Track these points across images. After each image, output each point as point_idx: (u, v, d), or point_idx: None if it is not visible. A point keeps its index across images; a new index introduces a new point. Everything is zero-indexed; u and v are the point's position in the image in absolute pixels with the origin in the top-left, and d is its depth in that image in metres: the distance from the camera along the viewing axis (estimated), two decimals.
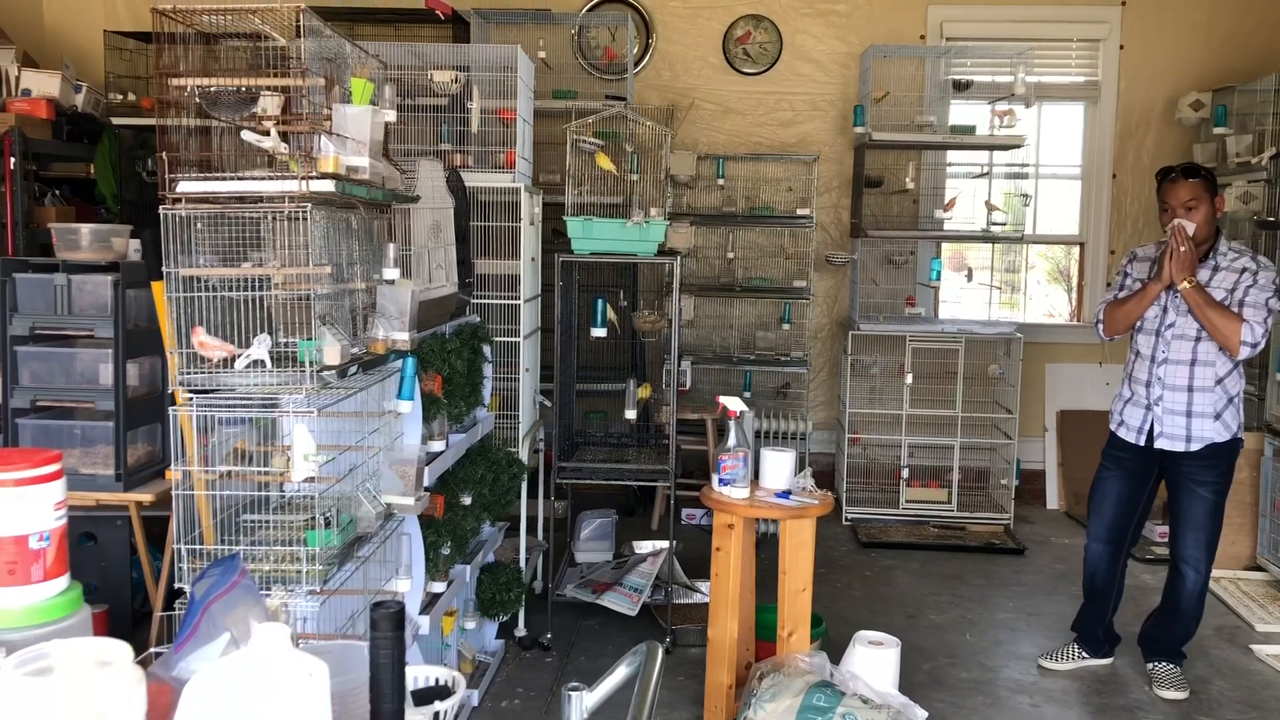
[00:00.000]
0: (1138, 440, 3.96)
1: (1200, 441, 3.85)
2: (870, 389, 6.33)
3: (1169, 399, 3.87)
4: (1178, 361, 3.85)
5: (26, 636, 1.39)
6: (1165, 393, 3.87)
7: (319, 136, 2.32)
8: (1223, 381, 3.83)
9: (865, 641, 3.56)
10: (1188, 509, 3.92)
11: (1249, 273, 3.75)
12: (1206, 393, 3.83)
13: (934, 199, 6.48)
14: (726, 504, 3.47)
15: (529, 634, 4.34)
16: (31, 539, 1.41)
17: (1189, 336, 3.83)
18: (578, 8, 6.60)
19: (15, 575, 1.40)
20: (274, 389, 2.32)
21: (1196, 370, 3.83)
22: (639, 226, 4.19)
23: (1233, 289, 3.76)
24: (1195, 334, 3.82)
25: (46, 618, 1.42)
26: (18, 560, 1.40)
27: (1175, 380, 3.85)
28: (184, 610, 1.48)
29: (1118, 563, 4.14)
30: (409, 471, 2.83)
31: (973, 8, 6.57)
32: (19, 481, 1.39)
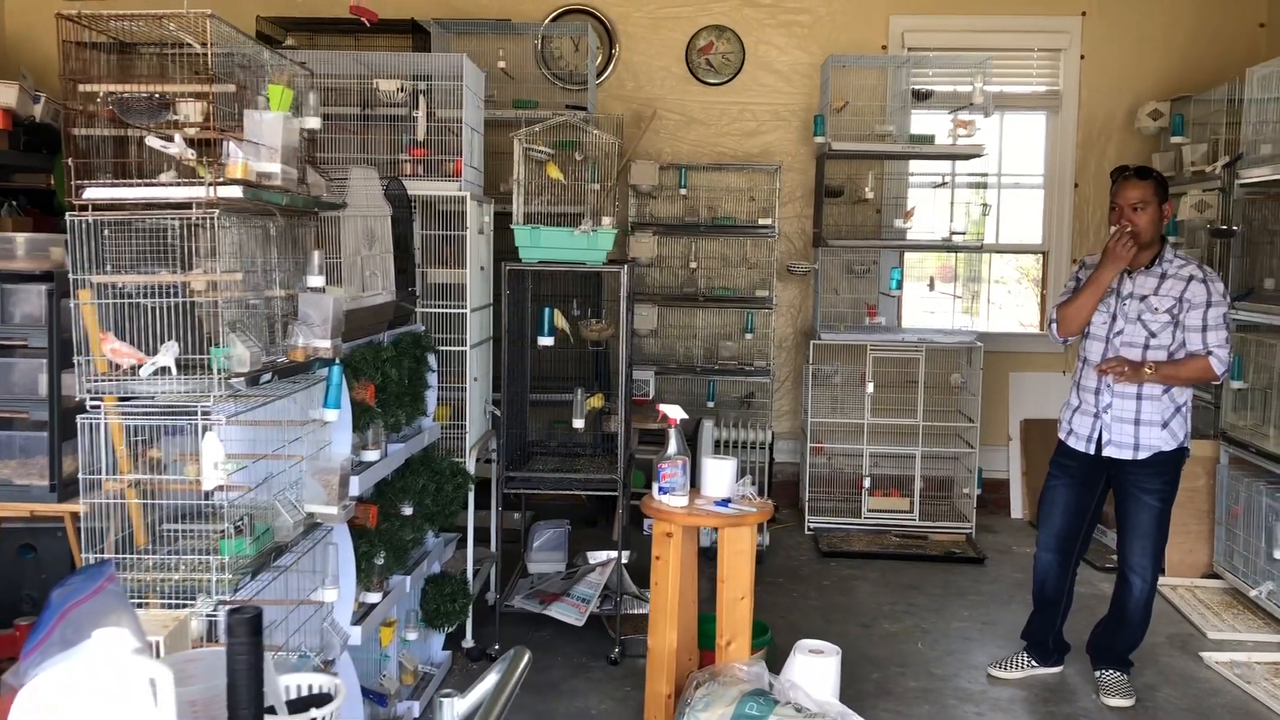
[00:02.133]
0: (1087, 448, 3.96)
1: (1148, 450, 3.85)
2: (832, 398, 6.33)
3: (1118, 406, 3.88)
4: None
5: None
6: (1114, 400, 3.88)
7: (227, 142, 2.30)
8: (1170, 390, 3.84)
9: (805, 650, 3.54)
10: (1134, 517, 3.92)
11: (1196, 281, 3.77)
12: (1154, 401, 3.84)
13: (895, 208, 6.49)
14: (665, 512, 3.45)
15: (477, 645, 4.31)
16: None
17: (1136, 344, 3.85)
18: (540, 18, 6.60)
19: None
20: (182, 396, 2.30)
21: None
22: (587, 235, 4.19)
23: (1180, 297, 3.78)
24: (1143, 341, 3.84)
25: None
26: None
27: (1124, 388, 3.86)
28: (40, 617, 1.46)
29: (1067, 571, 4.14)
30: (332, 480, 2.81)
31: (934, 18, 6.59)
32: None
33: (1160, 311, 3.81)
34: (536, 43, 6.63)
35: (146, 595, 2.45)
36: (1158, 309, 3.82)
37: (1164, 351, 3.82)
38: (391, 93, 4.17)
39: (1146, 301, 3.84)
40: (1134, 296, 3.86)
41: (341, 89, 4.70)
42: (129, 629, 1.50)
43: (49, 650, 1.43)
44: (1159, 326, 3.82)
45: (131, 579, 2.41)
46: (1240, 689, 4.10)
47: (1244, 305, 4.96)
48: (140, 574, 2.42)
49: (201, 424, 2.30)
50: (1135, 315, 3.84)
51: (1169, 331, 3.81)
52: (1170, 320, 3.80)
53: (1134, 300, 3.86)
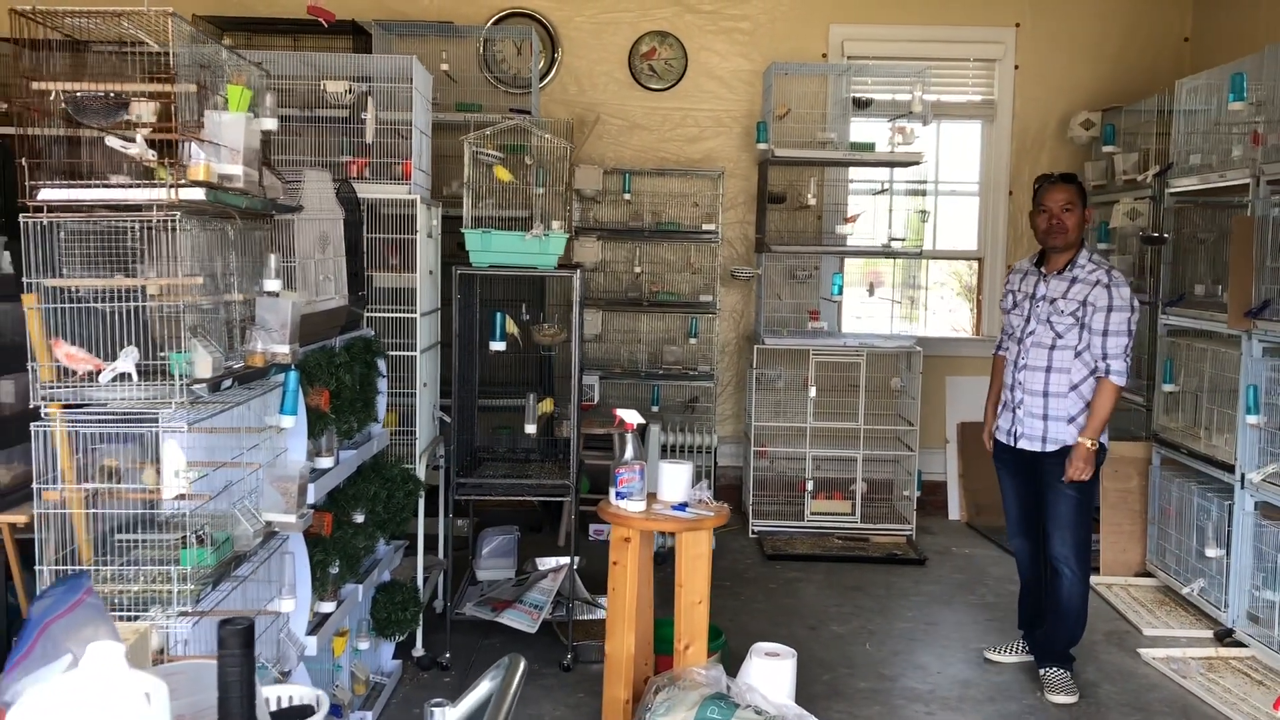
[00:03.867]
0: (1008, 441, 4.18)
1: (1055, 443, 4.04)
2: (775, 402, 6.39)
3: (1028, 403, 4.09)
4: (1035, 367, 4.07)
5: None
6: (1025, 397, 4.10)
7: (189, 144, 2.25)
8: (1078, 388, 4.02)
9: (762, 653, 3.56)
10: (1052, 507, 4.09)
11: (1101, 285, 3.95)
12: (1061, 398, 4.03)
13: (836, 214, 6.57)
14: (623, 517, 3.45)
15: (427, 654, 4.26)
16: None
17: (1044, 344, 4.05)
18: (482, 20, 6.56)
19: None
20: (142, 403, 2.24)
21: (1051, 376, 4.03)
22: (539, 239, 4.17)
23: (1084, 300, 3.95)
24: (1050, 342, 4.03)
25: None
26: None
27: (1033, 385, 4.07)
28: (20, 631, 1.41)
29: (1037, 555, 4.28)
30: (290, 488, 2.76)
31: (873, 27, 6.68)
32: None
33: (1065, 314, 4.00)
34: (479, 46, 6.59)
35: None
36: (1064, 311, 4.00)
37: (1070, 352, 3.99)
38: (339, 94, 4.11)
39: (1055, 304, 4.02)
40: (1045, 299, 4.05)
41: (285, 90, 4.62)
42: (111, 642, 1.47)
43: (30, 665, 1.39)
44: (1064, 328, 4.00)
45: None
46: (1177, 684, 4.21)
47: (1174, 310, 5.11)
48: (97, 585, 2.35)
49: (163, 431, 2.24)
50: (1045, 317, 4.04)
51: (1074, 333, 3.98)
52: (1075, 322, 3.98)
53: (1045, 303, 4.05)
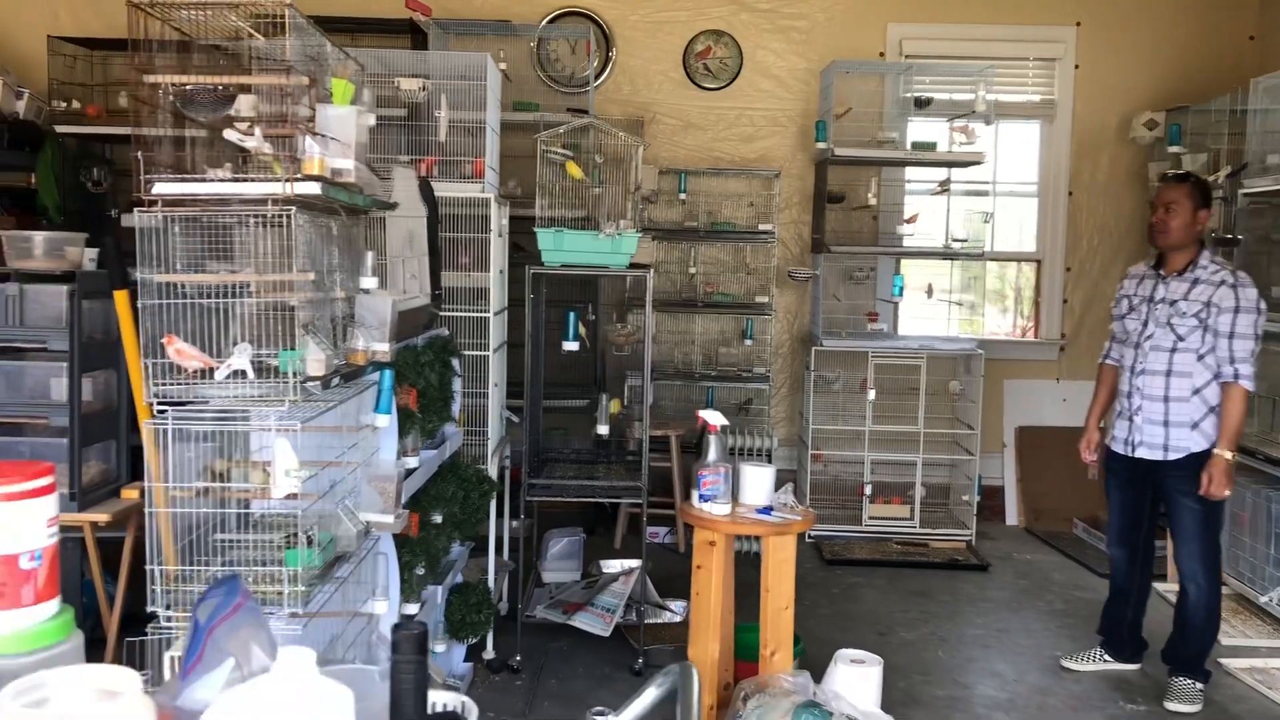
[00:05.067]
0: (1125, 450, 4.06)
1: (1179, 451, 3.91)
2: (833, 405, 6.32)
3: (1147, 409, 3.95)
4: (1154, 372, 3.94)
5: (16, 664, 1.27)
6: (1144, 403, 3.96)
7: (303, 137, 2.22)
8: (1200, 392, 3.89)
9: (847, 660, 3.51)
10: (1175, 520, 3.98)
11: (1226, 285, 3.82)
12: (1183, 403, 3.89)
13: (894, 215, 6.50)
14: (708, 521, 3.40)
15: (498, 656, 4.22)
16: (22, 558, 1.29)
17: (1164, 348, 3.92)
18: (537, 19, 6.53)
19: (4, 598, 1.28)
20: (256, 401, 2.20)
21: (1173, 381, 3.91)
22: (611, 239, 4.13)
23: (1208, 301, 3.82)
24: (1171, 345, 3.90)
25: (37, 644, 1.30)
26: (7, 581, 1.28)
27: (1152, 390, 3.94)
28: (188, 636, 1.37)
29: (1134, 565, 4.20)
30: (389, 488, 2.72)
31: (931, 26, 6.61)
32: (9, 496, 1.28)
33: (1187, 316, 3.86)
34: (533, 45, 6.56)
35: None
36: (1185, 313, 3.87)
37: (1192, 355, 3.87)
38: (413, 91, 4.08)
39: (1176, 306, 3.89)
40: (1165, 301, 3.94)
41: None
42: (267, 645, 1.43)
43: (201, 671, 1.35)
44: (1186, 330, 3.87)
45: (195, 592, 2.30)
46: (1263, 695, 4.12)
47: None
48: (202, 587, 2.32)
49: (275, 429, 2.20)
50: (1165, 319, 3.91)
51: (1197, 335, 3.86)
52: (1198, 324, 3.85)
53: (1165, 305, 3.93)
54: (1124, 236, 6.68)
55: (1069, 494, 6.61)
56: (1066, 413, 6.72)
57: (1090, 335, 6.73)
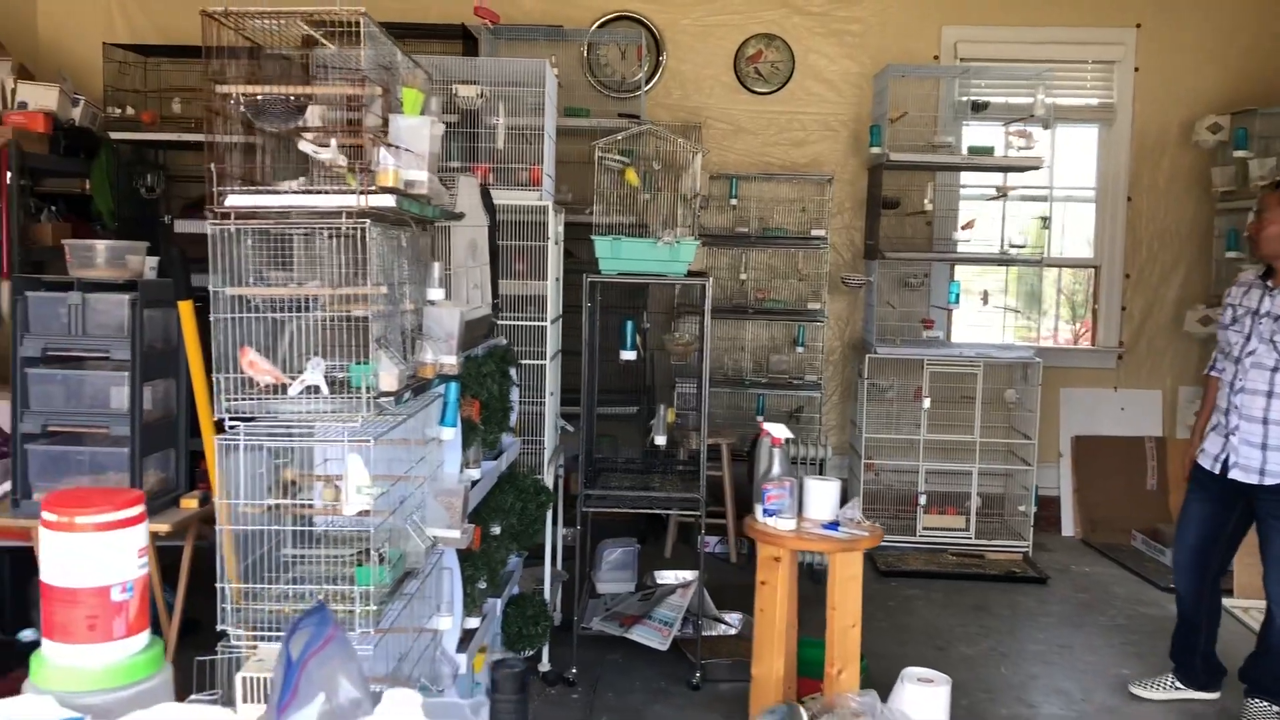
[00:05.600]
0: (1213, 468, 3.85)
1: (1275, 477, 3.70)
2: (886, 413, 6.22)
3: (1245, 429, 3.75)
4: (1254, 391, 3.73)
5: (108, 701, 1.24)
6: (1241, 422, 3.76)
7: (377, 149, 2.18)
8: None
9: (914, 679, 3.43)
10: (1266, 545, 3.78)
11: None
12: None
13: (948, 221, 6.40)
14: (773, 536, 3.33)
15: (553, 669, 4.17)
16: (114, 590, 1.26)
17: (1266, 365, 3.71)
18: (587, 24, 6.49)
19: (95, 631, 1.25)
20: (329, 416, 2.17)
21: (1274, 403, 3.69)
22: (669, 246, 4.07)
23: None
24: (1273, 364, 3.69)
25: (128, 678, 1.26)
26: (99, 614, 1.25)
27: (1251, 410, 3.74)
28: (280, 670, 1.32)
29: (1201, 588, 4.00)
30: (454, 503, 2.68)
31: (987, 29, 6.50)
32: (101, 525, 1.24)
33: None
34: (583, 50, 6.52)
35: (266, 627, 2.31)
36: None
37: None
38: (471, 98, 4.04)
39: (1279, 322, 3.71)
40: (1270, 316, 3.72)
41: None
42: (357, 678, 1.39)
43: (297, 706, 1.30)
44: None
45: (264, 610, 2.27)
46: None
47: None
48: (272, 605, 2.28)
49: (348, 445, 2.16)
50: (1268, 335, 3.70)
51: None
52: None
53: (1269, 320, 3.72)
54: (1185, 243, 6.53)
55: (1127, 505, 6.48)
56: (1125, 422, 6.60)
57: (1149, 344, 6.60)
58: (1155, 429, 6.57)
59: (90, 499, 1.24)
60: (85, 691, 1.22)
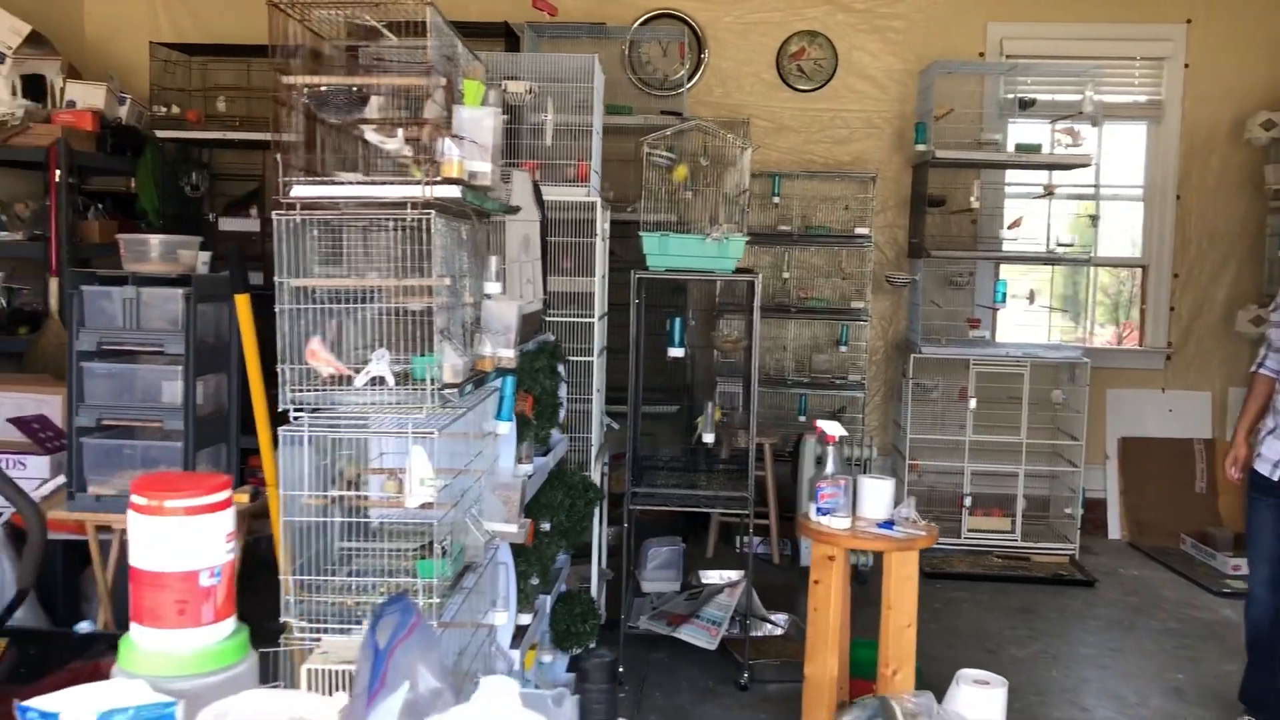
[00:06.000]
0: (1270, 474, 3.62)
1: None
2: (930, 414, 6.16)
3: None
4: None
5: (196, 686, 1.23)
6: None
7: (442, 140, 2.17)
8: None
9: (970, 680, 3.37)
10: None
11: None
12: None
13: (993, 219, 6.33)
14: (828, 535, 3.29)
15: None
16: (203, 575, 1.24)
17: None
18: (629, 21, 6.47)
19: (185, 615, 1.23)
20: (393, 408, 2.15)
21: None
22: (718, 243, 4.04)
23: None
24: None
25: (217, 664, 1.25)
26: (188, 599, 1.23)
27: None
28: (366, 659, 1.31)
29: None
30: (512, 497, 2.67)
31: (1034, 25, 6.43)
32: (190, 510, 1.23)
33: None
34: (625, 47, 6.50)
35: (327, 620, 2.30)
36: None
37: None
38: (520, 94, 4.03)
39: None
40: None
41: None
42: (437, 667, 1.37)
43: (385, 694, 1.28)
44: None
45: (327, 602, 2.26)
46: None
47: None
48: (336, 597, 2.27)
49: (412, 437, 2.15)
50: None
51: None
52: None
53: None
54: (1235, 241, 6.43)
55: (1175, 508, 6.38)
56: (1173, 424, 6.50)
57: (1198, 344, 6.49)
58: (1204, 431, 6.47)
59: (178, 483, 1.23)
60: (174, 676, 1.21)
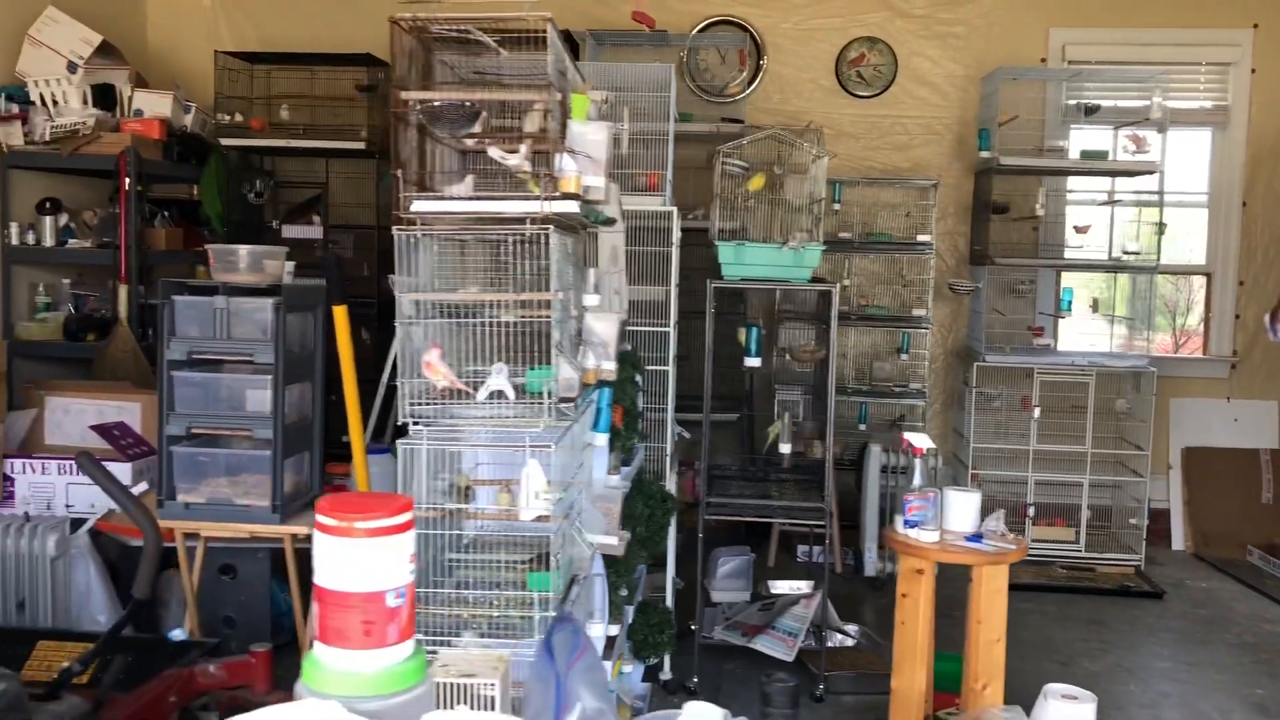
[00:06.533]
0: None
1: None
2: (993, 423, 6.11)
3: None
4: None
5: (380, 707, 1.23)
6: None
7: (560, 155, 2.17)
8: None
9: (1058, 695, 3.33)
10: None
11: None
12: None
13: (1055, 226, 6.28)
14: (917, 548, 3.27)
15: (674, 677, 4.15)
16: (389, 596, 1.25)
17: None
18: (687, 29, 6.47)
19: (371, 636, 1.24)
20: (511, 421, 2.16)
21: None
22: (794, 252, 4.03)
23: None
24: None
25: (400, 685, 1.25)
26: (375, 620, 1.24)
27: None
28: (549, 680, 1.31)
29: None
30: (613, 509, 2.67)
31: (1097, 30, 6.37)
32: (376, 531, 1.23)
33: None
34: (683, 55, 6.50)
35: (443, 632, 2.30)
36: None
37: None
38: (598, 103, 4.02)
39: None
40: None
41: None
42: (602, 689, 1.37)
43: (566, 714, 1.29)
44: None
45: (443, 614, 2.27)
46: None
47: None
48: (449, 609, 2.28)
49: (529, 450, 2.15)
50: None
51: None
52: None
53: None
54: None
55: (1241, 519, 6.30)
56: (1238, 434, 6.42)
57: (1265, 353, 6.41)
58: (1271, 441, 6.38)
59: (363, 504, 1.23)
60: (359, 697, 1.21)
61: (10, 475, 4.08)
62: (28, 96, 5.37)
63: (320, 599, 1.24)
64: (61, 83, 5.40)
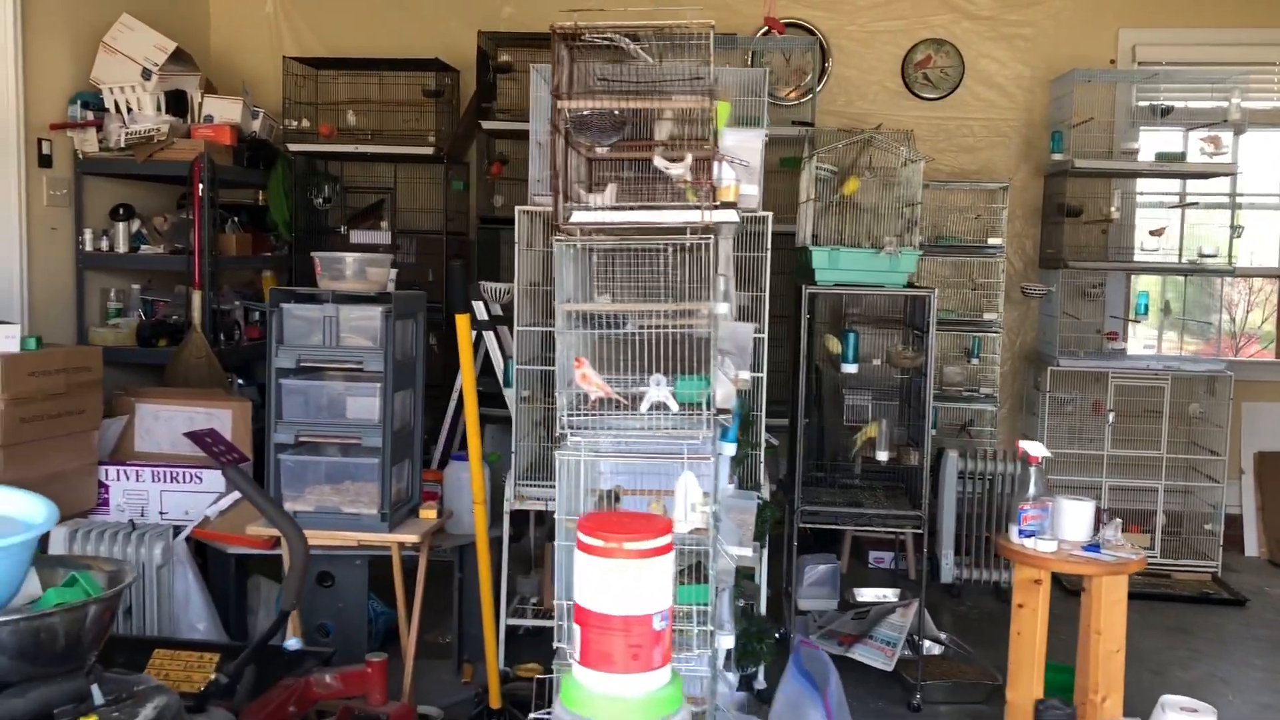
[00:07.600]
0: None
1: None
2: (1067, 427, 6.05)
3: None
4: None
5: None
6: None
7: (719, 163, 2.14)
8: None
9: (1176, 708, 3.28)
10: None
11: None
12: None
13: (1126, 229, 6.21)
14: (1034, 558, 3.23)
15: (769, 686, 4.11)
16: (655, 619, 1.22)
17: None
18: (751, 32, 6.44)
19: (638, 661, 1.21)
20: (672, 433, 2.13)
21: None
22: (891, 257, 4.00)
23: None
24: None
25: (664, 710, 1.23)
26: (642, 644, 1.21)
27: None
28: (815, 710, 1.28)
29: None
30: (748, 520, 2.64)
31: (1168, 30, 6.31)
32: (642, 553, 1.21)
33: None
34: (747, 58, 6.47)
35: None
36: None
37: None
38: None
39: None
40: None
41: None
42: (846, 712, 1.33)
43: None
44: None
45: None
46: None
47: None
48: None
49: (687, 463, 2.13)
50: None
51: None
52: None
53: None
54: None
55: None
56: None
57: None
58: None
59: (626, 524, 1.21)
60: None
61: (104, 482, 4.09)
62: (102, 103, 5.38)
63: (582, 621, 1.21)
64: (136, 89, 5.41)
